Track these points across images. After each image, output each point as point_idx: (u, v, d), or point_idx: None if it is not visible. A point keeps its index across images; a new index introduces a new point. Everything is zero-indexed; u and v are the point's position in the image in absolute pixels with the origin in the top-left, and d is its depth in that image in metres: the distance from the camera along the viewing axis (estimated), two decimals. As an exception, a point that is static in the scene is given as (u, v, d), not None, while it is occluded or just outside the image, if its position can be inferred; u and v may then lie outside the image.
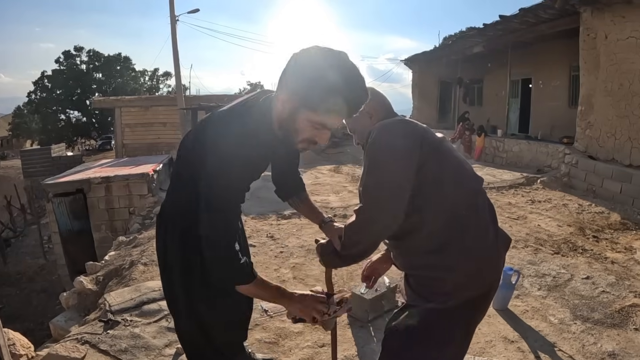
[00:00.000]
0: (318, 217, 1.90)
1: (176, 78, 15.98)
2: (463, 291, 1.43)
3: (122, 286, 3.39)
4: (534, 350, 2.64)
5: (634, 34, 6.62)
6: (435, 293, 1.44)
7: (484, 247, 1.46)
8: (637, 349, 2.66)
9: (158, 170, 7.97)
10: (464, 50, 13.21)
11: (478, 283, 1.46)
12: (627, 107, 6.85)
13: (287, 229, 5.22)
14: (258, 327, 2.80)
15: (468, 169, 1.54)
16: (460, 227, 1.42)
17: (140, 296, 3.06)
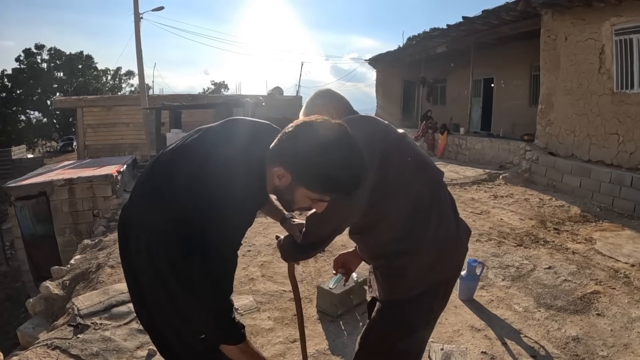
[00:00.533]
0: (279, 215, 1.85)
1: (139, 77, 15.60)
2: (427, 278, 1.49)
3: (89, 290, 3.31)
4: (501, 337, 2.73)
5: (593, 35, 6.96)
6: (401, 283, 1.49)
7: (446, 236, 1.51)
8: (599, 333, 2.80)
9: (122, 171, 7.77)
10: (428, 51, 13.52)
11: (441, 270, 1.52)
12: (585, 106, 7.19)
13: (253, 228, 5.13)
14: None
15: (429, 162, 1.60)
16: (422, 217, 1.47)
17: (109, 299, 3.00)
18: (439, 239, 1.48)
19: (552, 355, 2.55)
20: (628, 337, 2.77)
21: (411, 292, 1.49)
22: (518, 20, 9.15)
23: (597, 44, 6.89)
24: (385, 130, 1.55)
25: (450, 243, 1.53)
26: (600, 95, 6.90)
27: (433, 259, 1.48)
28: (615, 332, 2.82)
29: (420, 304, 1.52)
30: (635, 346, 2.66)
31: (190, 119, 16.52)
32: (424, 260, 1.47)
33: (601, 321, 2.96)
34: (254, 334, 2.71)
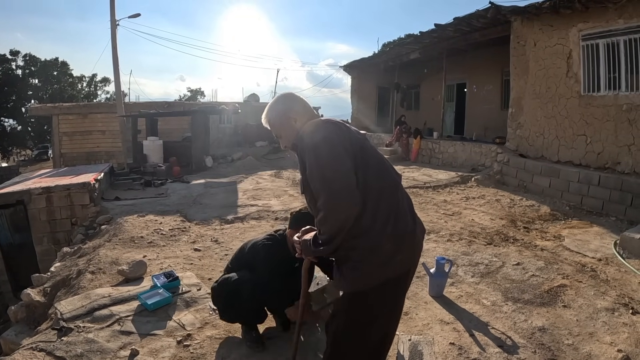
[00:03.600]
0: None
1: (115, 84, 15.42)
2: (385, 271, 1.60)
3: (71, 295, 3.32)
4: (469, 330, 2.85)
5: (561, 41, 7.27)
6: (360, 275, 1.59)
7: (404, 231, 1.64)
8: (565, 323, 2.92)
9: (99, 179, 7.66)
10: (401, 57, 13.79)
11: (398, 263, 1.64)
12: (554, 108, 7.49)
13: (230, 233, 5.27)
14: (208, 325, 2.89)
15: (388, 165, 1.73)
16: (382, 214, 1.59)
17: (90, 303, 3.04)
18: (397, 235, 1.60)
19: (519, 344, 2.64)
20: (593, 326, 2.88)
21: (370, 284, 1.59)
22: (488, 27, 9.45)
23: (565, 49, 7.19)
24: (350, 131, 1.67)
25: (408, 237, 1.65)
26: (568, 98, 7.20)
27: (391, 252, 1.59)
28: (581, 322, 2.93)
29: (380, 294, 1.63)
30: (600, 334, 2.76)
31: (166, 127, 16.41)
32: (384, 253, 1.58)
33: (567, 312, 3.08)
34: (232, 332, 2.81)
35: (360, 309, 1.64)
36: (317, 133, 1.62)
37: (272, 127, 1.85)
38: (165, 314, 2.98)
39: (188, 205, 6.93)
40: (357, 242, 1.57)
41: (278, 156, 15.30)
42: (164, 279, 3.39)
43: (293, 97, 1.86)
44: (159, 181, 9.51)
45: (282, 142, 1.87)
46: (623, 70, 6.38)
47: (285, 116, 1.80)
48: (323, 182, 1.52)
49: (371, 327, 1.68)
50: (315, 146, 1.58)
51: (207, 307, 3.09)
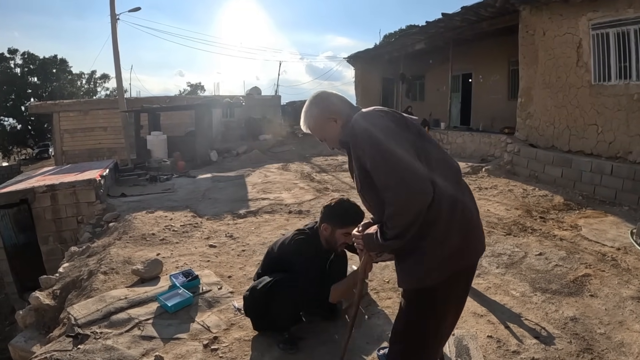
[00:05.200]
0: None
1: (117, 79, 15.24)
2: (453, 264, 1.52)
3: (84, 298, 3.17)
4: (503, 322, 2.80)
5: (571, 30, 7.16)
6: (428, 271, 1.51)
7: (470, 221, 1.56)
8: (595, 313, 2.92)
9: (105, 175, 7.56)
10: (406, 48, 13.66)
11: (467, 255, 1.56)
12: (564, 98, 7.39)
13: (245, 228, 5.17)
14: (234, 326, 2.76)
15: (446, 152, 1.65)
16: (448, 203, 1.50)
17: (106, 306, 2.88)
18: (464, 225, 1.53)
19: (554, 335, 2.64)
20: (622, 315, 2.90)
21: (438, 279, 1.51)
22: (496, 16, 9.34)
23: (575, 39, 7.08)
24: (405, 118, 1.59)
25: (474, 227, 1.58)
26: (579, 88, 7.10)
27: (460, 243, 1.51)
28: (610, 311, 2.94)
29: (448, 288, 1.56)
30: (630, 323, 2.78)
31: (168, 122, 16.27)
32: (452, 245, 1.50)
33: (595, 302, 3.09)
34: (261, 333, 2.68)
35: (427, 305, 1.57)
36: (372, 124, 1.52)
37: (314, 132, 1.77)
38: (188, 315, 2.84)
39: (197, 200, 6.83)
40: (425, 235, 1.48)
41: (283, 149, 15.18)
42: (183, 278, 3.27)
43: (325, 95, 1.76)
44: (164, 176, 9.39)
45: (328, 144, 1.79)
46: (634, 59, 6.29)
47: (324, 118, 1.71)
48: (391, 173, 1.42)
49: (438, 322, 1.62)
50: (374, 138, 1.49)
51: (231, 307, 2.99)
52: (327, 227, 2.46)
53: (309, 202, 6.48)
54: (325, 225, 2.46)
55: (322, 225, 2.49)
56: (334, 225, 2.44)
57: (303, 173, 9.51)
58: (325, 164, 11.05)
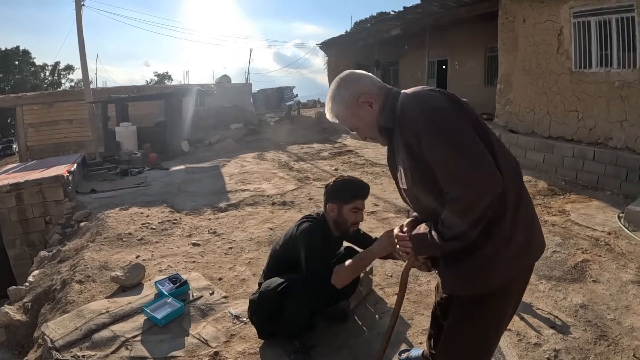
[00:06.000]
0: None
1: (82, 69, 14.40)
2: (519, 263, 1.37)
3: (59, 313, 2.83)
4: (517, 313, 2.71)
5: (552, 18, 7.12)
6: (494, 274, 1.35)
7: (533, 216, 1.41)
8: (601, 298, 2.96)
9: (72, 171, 7.06)
10: (382, 33, 13.52)
11: (531, 252, 1.41)
12: (544, 84, 7.39)
13: (228, 223, 4.91)
14: (235, 337, 2.50)
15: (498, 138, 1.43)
16: (513, 195, 1.33)
17: (86, 323, 2.54)
18: (528, 220, 1.37)
19: (568, 324, 2.64)
20: (626, 299, 2.96)
21: (499, 283, 1.35)
22: (475, 2, 9.24)
23: (556, 26, 7.05)
24: (458, 99, 1.37)
25: (536, 221, 1.42)
26: (559, 75, 7.10)
27: (525, 241, 1.35)
28: (614, 296, 2.99)
29: (510, 291, 1.41)
30: (635, 307, 2.84)
31: (136, 112, 15.66)
32: (518, 243, 1.33)
33: (599, 287, 3.13)
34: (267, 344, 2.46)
35: (489, 311, 1.41)
36: (430, 106, 1.29)
37: (343, 120, 1.50)
38: (180, 328, 2.55)
39: (173, 194, 6.50)
40: (491, 233, 1.29)
41: (256, 138, 14.93)
42: (170, 284, 2.98)
43: (356, 76, 1.49)
44: (135, 169, 8.96)
45: (361, 134, 1.53)
46: (615, 47, 6.30)
47: (357, 102, 1.44)
48: (461, 163, 1.20)
49: (498, 328, 1.47)
50: (437, 122, 1.25)
51: (228, 315, 2.72)
52: (333, 206, 2.27)
53: (291, 192, 6.28)
54: (330, 205, 2.27)
55: (327, 206, 2.30)
56: (340, 203, 2.25)
57: (281, 162, 9.29)
58: (302, 152, 10.83)
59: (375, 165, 8.40)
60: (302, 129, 16.29)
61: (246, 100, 21.31)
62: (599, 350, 2.41)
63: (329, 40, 16.81)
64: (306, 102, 27.77)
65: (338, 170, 8.12)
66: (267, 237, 4.33)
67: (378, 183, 6.77)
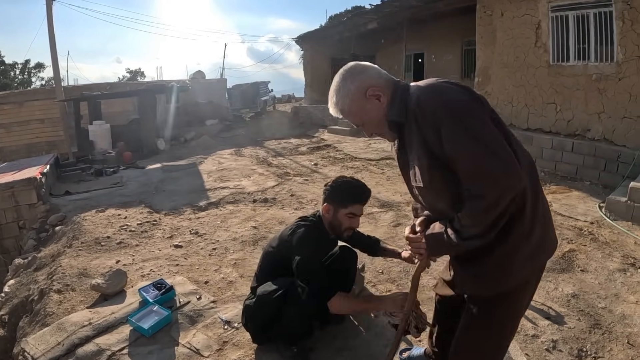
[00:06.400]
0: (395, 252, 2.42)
1: (53, 66, 13.86)
2: (537, 259, 1.36)
3: (38, 326, 2.64)
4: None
5: (530, 12, 7.21)
6: (513, 272, 1.32)
7: (548, 212, 1.39)
8: (590, 287, 3.04)
9: (45, 172, 6.76)
10: (358, 27, 13.54)
11: (547, 249, 1.40)
12: (522, 77, 7.50)
13: (210, 222, 4.77)
14: (228, 344, 2.38)
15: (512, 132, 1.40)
16: (533, 191, 1.30)
17: (68, 337, 2.37)
18: (545, 215, 1.35)
19: (562, 314, 2.69)
20: (615, 287, 3.05)
21: (518, 281, 1.33)
22: (453, -4, 9.29)
23: (534, 20, 7.15)
24: (474, 91, 1.33)
25: (550, 219, 1.40)
26: (537, 68, 7.21)
27: (542, 237, 1.32)
28: (603, 285, 3.08)
29: (527, 287, 1.39)
30: (624, 295, 2.94)
31: (109, 110, 15.20)
32: (535, 239, 1.29)
33: (587, 276, 3.21)
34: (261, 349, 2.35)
35: (507, 310, 1.39)
36: (449, 99, 1.23)
37: (349, 115, 1.42)
38: (169, 337, 2.40)
39: (150, 194, 6.29)
40: (511, 229, 1.25)
41: (233, 134, 14.78)
42: (155, 291, 2.81)
43: (362, 68, 1.40)
44: (110, 169, 8.67)
45: (367, 129, 1.45)
46: (593, 41, 6.44)
47: (365, 95, 1.36)
48: (484, 158, 1.15)
49: (514, 326, 1.47)
50: (458, 115, 1.19)
51: (218, 321, 2.60)
52: (328, 207, 2.12)
53: (272, 188, 6.17)
54: (327, 206, 2.12)
55: (323, 206, 2.15)
56: (336, 205, 2.10)
57: (259, 158, 9.16)
58: (280, 147, 10.73)
59: (355, 160, 8.38)
60: (278, 124, 16.19)
61: (221, 96, 20.96)
62: (594, 338, 2.46)
63: (304, 35, 16.71)
64: (281, 97, 27.61)
65: (318, 165, 8.05)
66: (252, 236, 4.22)
67: (360, 177, 6.68)
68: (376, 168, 7.55)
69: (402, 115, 1.32)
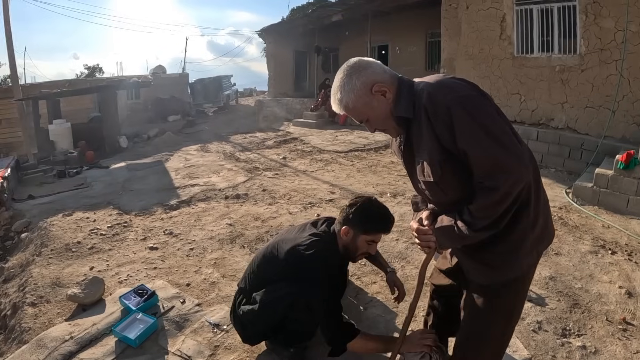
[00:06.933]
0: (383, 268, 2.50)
1: (10, 64, 13.03)
2: (540, 246, 1.41)
3: (15, 343, 2.47)
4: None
5: (495, 5, 7.42)
6: (521, 259, 1.38)
7: (547, 200, 1.45)
8: (566, 269, 3.18)
9: (7, 176, 6.39)
10: (322, 19, 13.53)
11: (547, 236, 1.46)
12: (487, 69, 7.71)
13: (183, 221, 4.63)
14: (220, 348, 2.32)
15: None
16: (536, 182, 1.35)
17: (50, 354, 2.21)
18: (545, 205, 1.42)
19: (542, 296, 2.80)
20: (588, 268, 3.20)
21: (525, 268, 1.40)
22: (419, -11, 9.40)
23: (499, 13, 7.36)
24: (479, 87, 1.36)
25: (549, 208, 1.46)
26: (502, 59, 7.43)
27: (544, 224, 1.39)
28: (577, 267, 3.22)
29: (530, 274, 1.47)
30: (598, 275, 3.10)
31: (69, 108, 14.56)
32: (539, 227, 1.36)
33: (562, 259, 3.34)
34: (255, 351, 2.30)
35: (515, 296, 1.45)
36: (461, 95, 1.25)
37: (353, 111, 1.40)
38: (157, 346, 2.30)
39: (118, 194, 6.05)
40: (519, 218, 1.30)
41: (196, 129, 14.49)
42: (137, 297, 2.70)
43: (365, 63, 1.38)
44: (73, 170, 8.30)
45: (371, 125, 1.43)
46: (556, 34, 6.70)
47: (370, 92, 1.35)
48: (498, 151, 1.19)
49: (519, 313, 1.51)
50: (470, 110, 1.22)
51: (206, 324, 2.52)
52: (348, 230, 2.01)
53: (243, 184, 6.10)
54: (347, 228, 2.01)
55: (342, 228, 2.03)
56: (358, 230, 2.00)
57: (226, 153, 9.03)
58: (246, 142, 10.61)
59: (323, 152, 8.41)
60: (242, 118, 16.01)
61: (183, 90, 20.50)
62: (575, 317, 2.57)
63: (268, 28, 16.52)
64: (243, 91, 27.28)
65: (286, 159, 8.00)
66: (228, 233, 4.13)
67: (330, 170, 6.81)
68: (345, 160, 7.59)
69: (410, 111, 1.33)
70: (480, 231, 1.27)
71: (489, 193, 1.22)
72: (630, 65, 5.80)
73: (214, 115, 17.59)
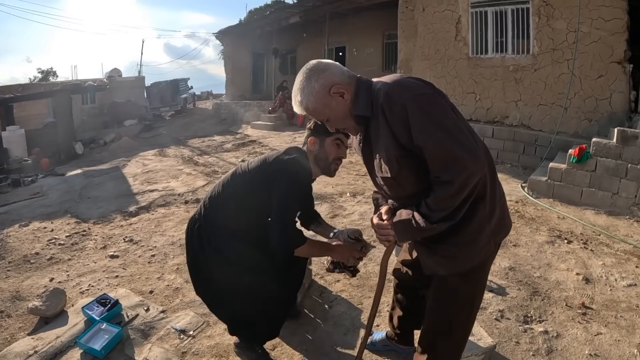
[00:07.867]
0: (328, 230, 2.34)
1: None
2: (497, 237, 1.47)
3: None
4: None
5: (450, 7, 7.66)
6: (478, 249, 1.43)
7: (503, 193, 1.52)
8: (524, 259, 3.32)
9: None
10: (280, 21, 13.52)
11: (505, 227, 1.52)
12: (443, 69, 7.94)
13: (143, 228, 4.53)
14: (188, 355, 2.29)
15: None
16: (491, 174, 1.41)
17: None
18: (501, 196, 1.48)
19: (503, 286, 2.90)
20: (546, 258, 3.35)
21: (483, 258, 1.46)
22: (376, -9, 9.56)
23: (454, 15, 7.60)
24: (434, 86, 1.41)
25: (505, 200, 1.53)
26: (457, 60, 7.69)
27: (501, 216, 1.46)
28: (535, 257, 3.37)
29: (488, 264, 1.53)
30: (555, 263, 3.26)
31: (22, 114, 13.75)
32: (496, 218, 1.42)
33: (520, 250, 3.48)
34: (224, 355, 2.29)
35: (475, 285, 1.52)
36: (417, 93, 1.30)
37: (313, 112, 1.44)
38: (124, 356, 2.24)
39: (75, 202, 5.84)
40: (476, 210, 1.35)
41: (153, 134, 14.10)
42: (100, 307, 2.61)
43: (324, 66, 1.42)
44: (28, 178, 7.90)
45: (330, 125, 1.48)
46: (510, 35, 7.00)
47: (328, 94, 1.39)
48: (454, 146, 1.24)
49: (480, 300, 1.59)
50: (424, 108, 1.27)
51: (172, 331, 2.48)
52: (314, 139, 2.03)
53: (202, 188, 6.03)
54: (312, 138, 2.04)
55: (309, 140, 2.06)
56: (322, 135, 2.01)
57: (184, 157, 8.88)
58: (204, 145, 10.46)
59: (283, 154, 8.40)
60: (199, 121, 15.77)
61: (139, 94, 19.87)
62: (536, 304, 2.70)
63: (225, 29, 16.32)
64: (200, 94, 26.81)
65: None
66: (190, 238, 4.09)
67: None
68: (305, 162, 7.64)
69: (369, 110, 1.38)
70: (438, 223, 1.32)
71: (445, 186, 1.27)
72: (581, 64, 6.14)
73: (171, 119, 17.21)
